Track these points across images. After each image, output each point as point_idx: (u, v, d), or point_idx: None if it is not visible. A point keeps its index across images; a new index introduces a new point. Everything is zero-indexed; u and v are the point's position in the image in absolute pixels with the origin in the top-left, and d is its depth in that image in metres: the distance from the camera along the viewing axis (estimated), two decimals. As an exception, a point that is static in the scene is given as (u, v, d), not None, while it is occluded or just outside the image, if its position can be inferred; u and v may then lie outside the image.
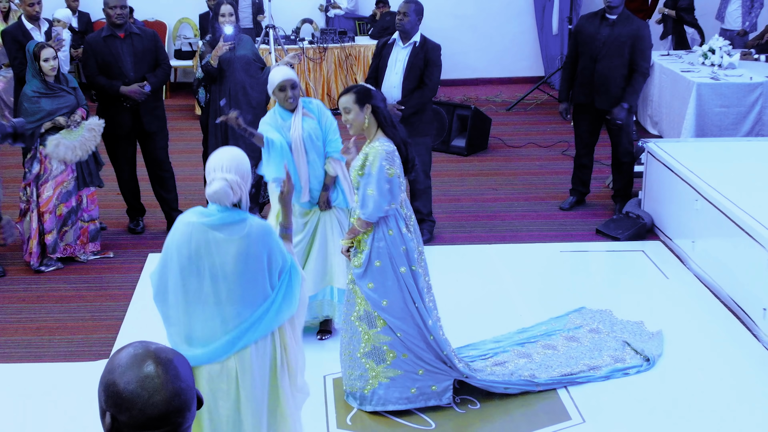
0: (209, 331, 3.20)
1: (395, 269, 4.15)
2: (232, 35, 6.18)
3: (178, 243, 3.17)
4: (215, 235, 3.13)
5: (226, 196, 3.12)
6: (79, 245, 6.19)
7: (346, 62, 10.50)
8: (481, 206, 7.33)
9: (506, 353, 4.82)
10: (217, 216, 3.15)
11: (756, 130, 8.07)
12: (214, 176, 3.14)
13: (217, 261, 3.13)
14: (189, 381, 1.67)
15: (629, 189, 7.09)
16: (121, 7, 6.27)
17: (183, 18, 11.92)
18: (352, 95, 4.10)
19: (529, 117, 10.29)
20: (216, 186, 3.11)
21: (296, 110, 4.79)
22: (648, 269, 6.06)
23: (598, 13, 6.88)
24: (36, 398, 4.51)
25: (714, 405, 4.40)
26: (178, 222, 3.24)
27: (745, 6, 10.22)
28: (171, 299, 3.21)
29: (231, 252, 3.13)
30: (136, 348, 1.69)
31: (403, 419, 4.28)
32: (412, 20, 6.20)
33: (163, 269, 3.22)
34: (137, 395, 1.62)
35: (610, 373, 4.64)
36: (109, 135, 6.49)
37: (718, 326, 5.24)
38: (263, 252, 3.18)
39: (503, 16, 12.14)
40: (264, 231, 3.20)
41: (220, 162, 3.17)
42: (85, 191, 6.16)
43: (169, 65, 6.73)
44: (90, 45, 6.43)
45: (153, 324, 5.22)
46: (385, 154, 4.05)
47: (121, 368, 1.65)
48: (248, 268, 3.16)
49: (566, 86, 7.05)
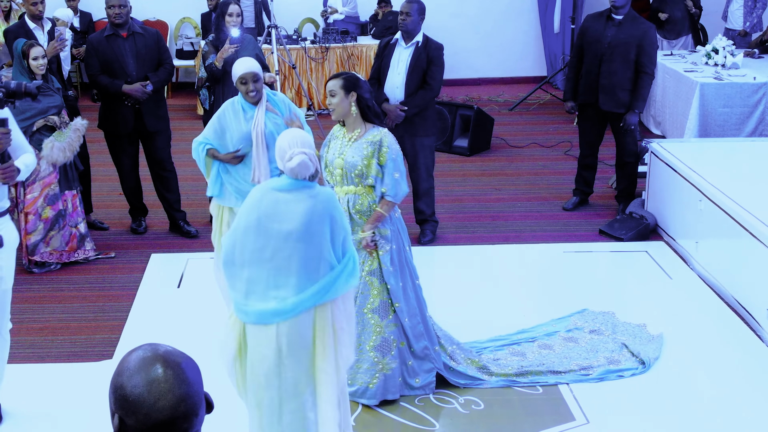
0: (269, 291, 3.34)
1: (405, 248, 4.37)
2: (238, 38, 6.16)
3: (249, 206, 3.38)
4: (284, 196, 3.35)
5: (306, 168, 3.34)
6: (68, 251, 6.07)
7: (348, 62, 10.49)
8: (484, 206, 7.32)
9: (501, 351, 4.82)
10: (287, 182, 3.37)
11: (759, 130, 8.06)
12: (293, 152, 3.33)
13: (284, 219, 3.32)
14: (197, 385, 1.66)
15: (633, 189, 7.07)
16: (120, 6, 6.24)
17: (184, 17, 11.92)
18: (339, 80, 4.20)
19: (532, 117, 10.27)
20: (298, 159, 3.31)
21: (259, 104, 4.79)
22: (651, 270, 6.04)
23: (603, 13, 6.86)
24: (39, 399, 4.50)
25: (718, 406, 4.38)
26: (252, 190, 3.47)
27: (747, 6, 10.20)
28: (237, 258, 3.38)
29: (298, 212, 3.31)
30: (145, 351, 1.67)
31: (407, 419, 4.27)
32: (415, 20, 6.18)
33: (234, 232, 3.41)
34: (143, 399, 1.61)
35: (602, 375, 4.62)
36: (112, 134, 6.48)
37: (722, 327, 5.23)
38: (326, 216, 3.35)
39: (506, 16, 12.13)
40: (330, 197, 3.41)
41: (294, 140, 3.38)
42: (68, 194, 6.07)
43: (172, 65, 6.71)
44: (92, 44, 6.41)
45: (155, 324, 5.24)
46: (393, 138, 4.22)
47: (129, 371, 1.64)
48: (311, 229, 3.32)
49: (571, 85, 7.03)
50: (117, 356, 4.87)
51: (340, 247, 3.40)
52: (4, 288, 4.01)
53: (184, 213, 6.74)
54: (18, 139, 3.96)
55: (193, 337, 4.77)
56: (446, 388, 4.50)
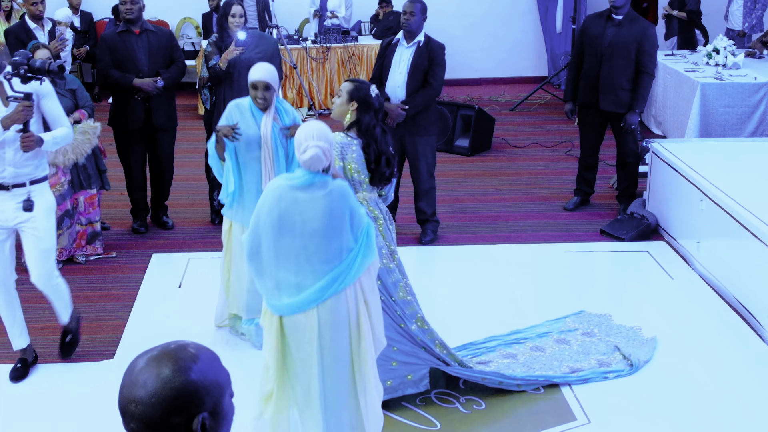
0: (297, 283, 3.47)
1: (388, 265, 4.33)
2: (244, 41, 6.12)
3: (269, 205, 3.46)
4: (302, 195, 3.43)
5: (319, 162, 3.41)
6: (74, 248, 6.13)
7: (350, 62, 10.49)
8: (485, 206, 7.32)
9: (492, 353, 4.81)
10: (302, 178, 3.44)
11: (760, 130, 8.06)
12: (307, 145, 3.40)
13: (307, 218, 3.42)
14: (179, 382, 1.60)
15: (634, 189, 7.07)
16: (131, 2, 6.28)
17: (185, 17, 11.92)
18: (351, 85, 4.21)
19: (533, 117, 10.27)
20: (311, 152, 3.39)
21: (269, 110, 4.77)
22: (653, 270, 6.04)
23: (603, 13, 6.86)
24: (39, 399, 4.50)
25: (719, 406, 4.38)
26: (268, 187, 3.56)
27: (747, 6, 10.21)
28: (264, 255, 3.50)
29: (318, 209, 3.42)
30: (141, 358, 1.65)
31: (407, 419, 4.27)
32: (418, 19, 6.19)
33: (255, 230, 3.51)
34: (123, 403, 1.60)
35: (590, 376, 4.60)
36: (121, 131, 6.49)
37: (723, 327, 5.22)
38: (345, 209, 3.46)
39: (507, 16, 12.13)
40: (343, 190, 3.49)
41: (310, 132, 3.44)
42: (82, 194, 6.10)
43: (184, 63, 6.70)
44: (105, 40, 6.44)
45: (156, 324, 5.23)
46: (346, 141, 4.17)
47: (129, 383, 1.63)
48: (333, 224, 3.43)
49: (571, 86, 7.03)
50: (118, 356, 4.87)
51: (358, 228, 3.52)
52: (43, 247, 4.45)
53: (166, 207, 6.88)
54: (54, 113, 4.42)
55: (194, 337, 4.76)
56: (447, 387, 4.49)
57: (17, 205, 4.35)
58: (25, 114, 4.17)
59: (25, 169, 4.35)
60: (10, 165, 4.32)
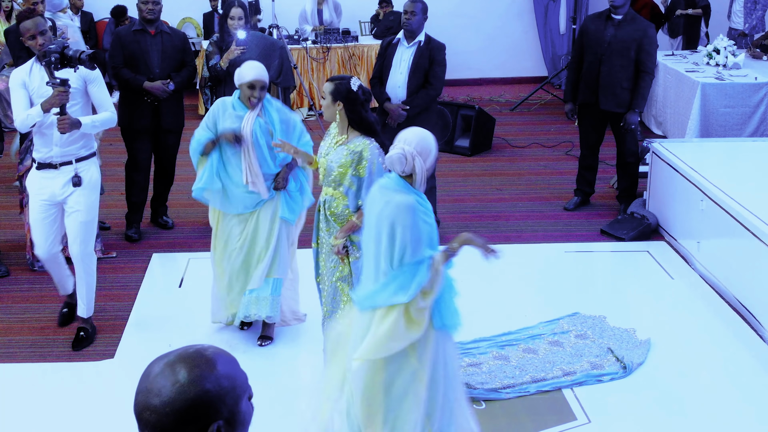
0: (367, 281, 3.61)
1: None
2: (245, 40, 6.17)
3: (369, 202, 3.64)
4: (378, 192, 3.55)
5: (398, 163, 3.47)
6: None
7: (350, 62, 10.49)
8: (485, 206, 7.32)
9: (484, 355, 4.80)
10: (392, 179, 3.55)
11: (761, 130, 8.06)
12: (395, 146, 3.51)
13: (373, 214, 3.52)
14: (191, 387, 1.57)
15: (634, 189, 7.07)
16: (153, 3, 6.31)
17: (186, 18, 11.92)
18: (331, 85, 4.16)
19: (533, 117, 10.27)
20: (392, 152, 3.50)
21: (254, 108, 4.77)
22: (653, 270, 6.04)
23: (603, 13, 6.86)
24: (40, 398, 4.50)
25: (719, 406, 4.38)
26: (373, 186, 3.70)
27: (747, 6, 10.20)
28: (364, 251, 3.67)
29: (376, 208, 3.51)
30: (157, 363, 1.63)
31: (408, 420, 4.26)
32: (419, 19, 6.19)
33: None
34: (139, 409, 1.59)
35: (583, 379, 4.59)
36: (128, 130, 6.49)
37: (724, 327, 5.22)
38: (387, 222, 3.44)
39: (506, 17, 12.13)
40: (398, 205, 3.44)
41: (406, 136, 3.54)
42: None
43: (195, 67, 6.71)
44: (119, 37, 6.45)
45: (157, 324, 5.23)
46: (377, 151, 4.15)
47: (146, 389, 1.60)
48: (376, 227, 3.48)
49: (571, 87, 7.03)
50: (118, 356, 4.87)
51: (401, 257, 3.47)
52: (81, 220, 4.75)
53: (166, 207, 6.88)
54: (99, 98, 4.80)
55: (194, 337, 4.77)
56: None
57: (65, 182, 4.70)
58: (60, 98, 4.46)
59: (70, 148, 4.70)
60: (57, 145, 4.67)
